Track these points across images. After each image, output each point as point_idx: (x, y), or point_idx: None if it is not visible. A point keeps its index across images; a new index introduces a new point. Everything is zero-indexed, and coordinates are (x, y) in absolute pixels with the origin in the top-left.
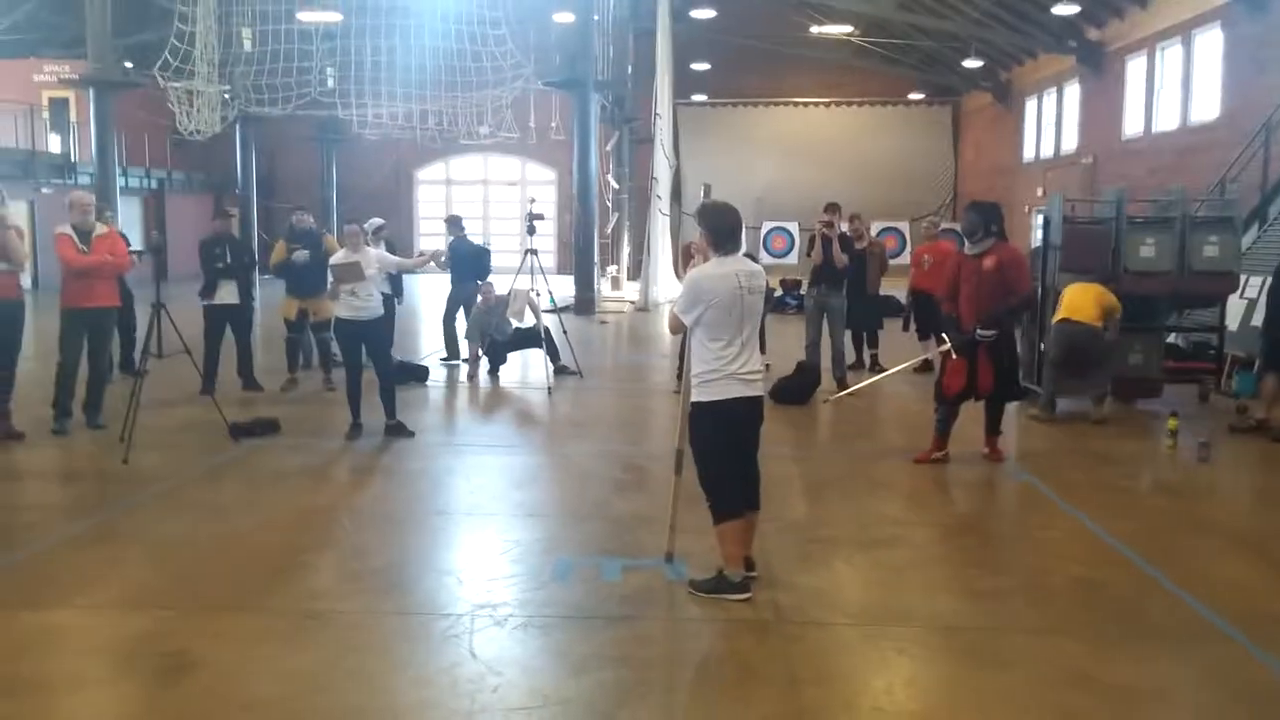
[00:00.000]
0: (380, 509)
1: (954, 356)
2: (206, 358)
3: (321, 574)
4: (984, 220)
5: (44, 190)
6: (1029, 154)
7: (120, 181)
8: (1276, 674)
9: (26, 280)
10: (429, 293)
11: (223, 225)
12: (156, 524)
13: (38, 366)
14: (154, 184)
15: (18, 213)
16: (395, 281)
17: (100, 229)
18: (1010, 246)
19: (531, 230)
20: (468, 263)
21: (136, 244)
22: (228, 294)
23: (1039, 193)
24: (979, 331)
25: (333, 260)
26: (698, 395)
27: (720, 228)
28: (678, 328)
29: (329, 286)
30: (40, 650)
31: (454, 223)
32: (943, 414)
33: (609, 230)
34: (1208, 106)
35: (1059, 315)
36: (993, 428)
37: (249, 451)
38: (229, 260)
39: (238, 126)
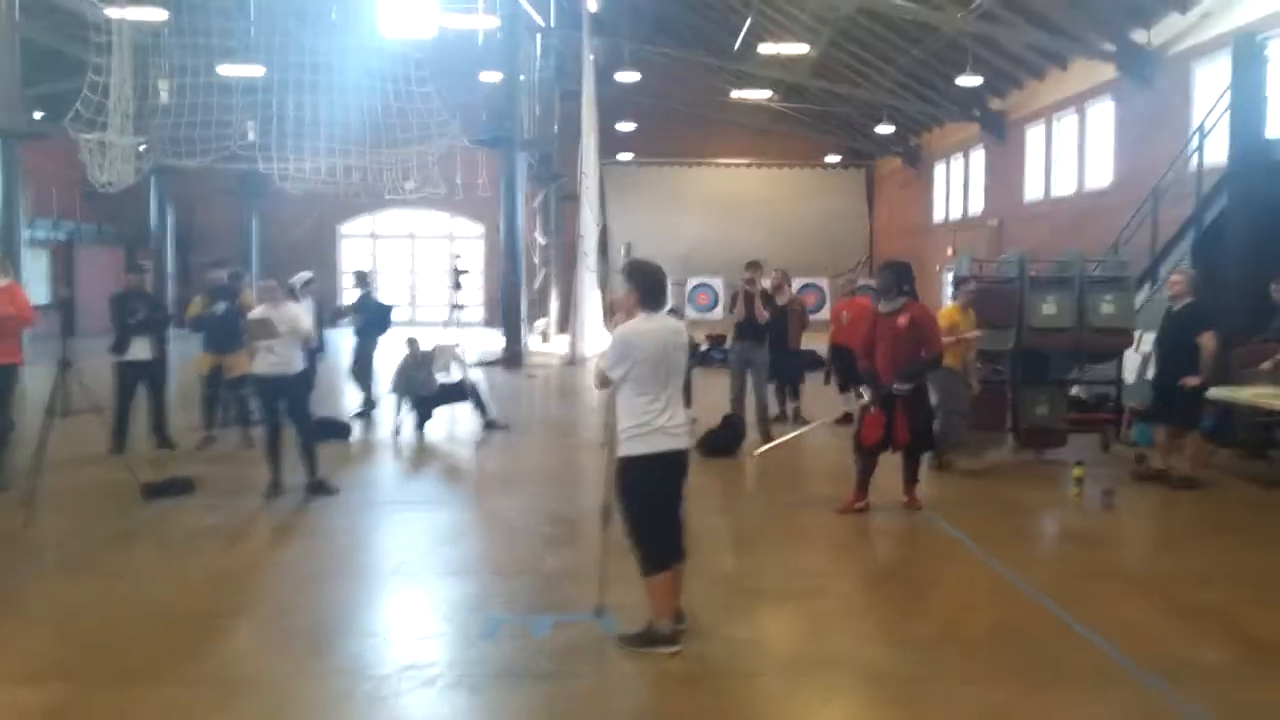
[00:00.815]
0: (302, 569)
1: (872, 410)
2: (117, 415)
3: (240, 638)
4: (898, 280)
5: None
6: (939, 216)
7: (27, 234)
8: (1187, 715)
9: None
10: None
11: (135, 279)
12: (61, 591)
13: None
14: (63, 236)
15: None
16: (319, 337)
17: (1, 281)
18: (921, 305)
19: (457, 285)
20: (374, 317)
21: (44, 298)
22: (140, 350)
23: (949, 252)
24: (895, 385)
25: (250, 315)
26: (626, 449)
27: (649, 286)
28: (604, 383)
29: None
30: None
31: (361, 277)
32: (862, 465)
33: (537, 285)
34: (1101, 173)
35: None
36: (910, 477)
37: (162, 512)
38: (141, 315)
39: (153, 179)
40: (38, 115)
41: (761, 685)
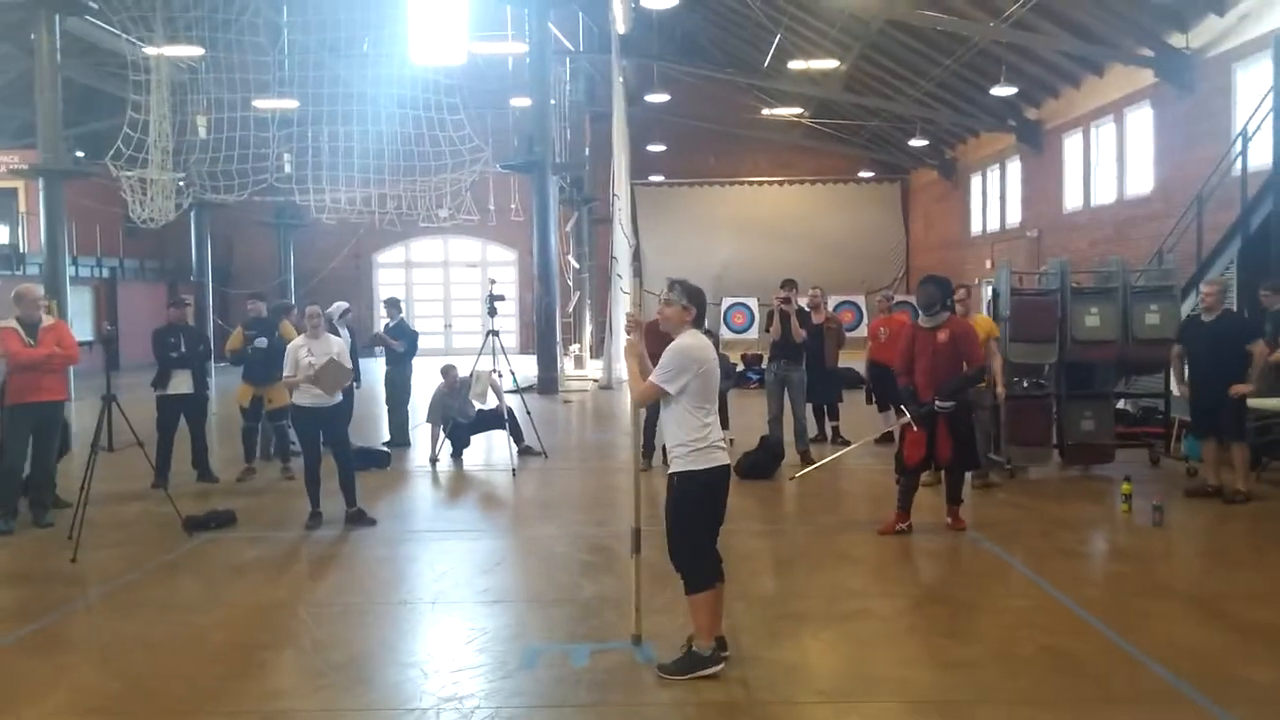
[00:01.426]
0: (342, 600)
1: (914, 428)
2: (160, 449)
3: (281, 672)
4: (941, 294)
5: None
6: (976, 228)
7: (70, 270)
8: None
9: None
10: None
11: (177, 314)
12: (107, 625)
13: None
14: (105, 273)
15: None
16: (354, 366)
17: (47, 320)
18: (962, 320)
19: (493, 311)
20: (411, 344)
21: (87, 334)
22: (182, 383)
23: (987, 265)
24: (937, 403)
25: (293, 343)
26: (683, 465)
27: (702, 303)
28: (651, 397)
29: (288, 376)
30: None
31: (393, 305)
32: (904, 485)
33: (570, 309)
34: (1142, 180)
35: None
36: (953, 497)
37: (204, 545)
38: (183, 349)
39: (193, 213)
40: (80, 154)
41: (804, 712)
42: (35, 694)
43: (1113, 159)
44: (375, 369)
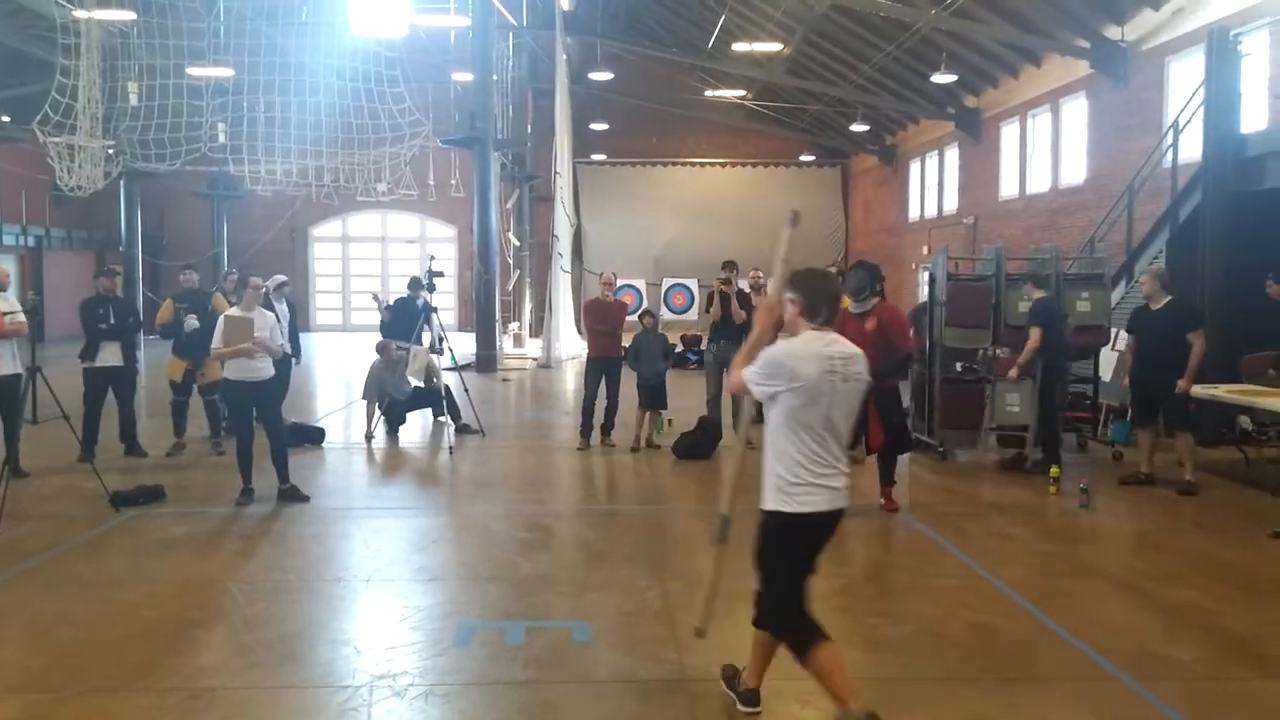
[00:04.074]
0: (273, 578)
1: None
2: (86, 422)
3: (210, 649)
4: (871, 280)
5: None
6: (914, 214)
7: None
8: (1163, 713)
9: None
10: (324, 351)
11: (106, 284)
12: (30, 600)
13: None
14: (31, 241)
15: None
16: (293, 340)
17: None
18: (891, 306)
19: (431, 288)
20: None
21: (6, 305)
22: (110, 356)
23: (924, 251)
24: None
25: (228, 312)
26: (771, 502)
27: (818, 295)
28: (737, 389)
29: (218, 348)
30: None
31: (416, 283)
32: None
33: (510, 287)
34: (1076, 170)
35: None
36: (886, 479)
37: (132, 521)
38: (112, 321)
39: (122, 182)
40: (5, 119)
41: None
42: None
43: (1048, 148)
44: (313, 345)
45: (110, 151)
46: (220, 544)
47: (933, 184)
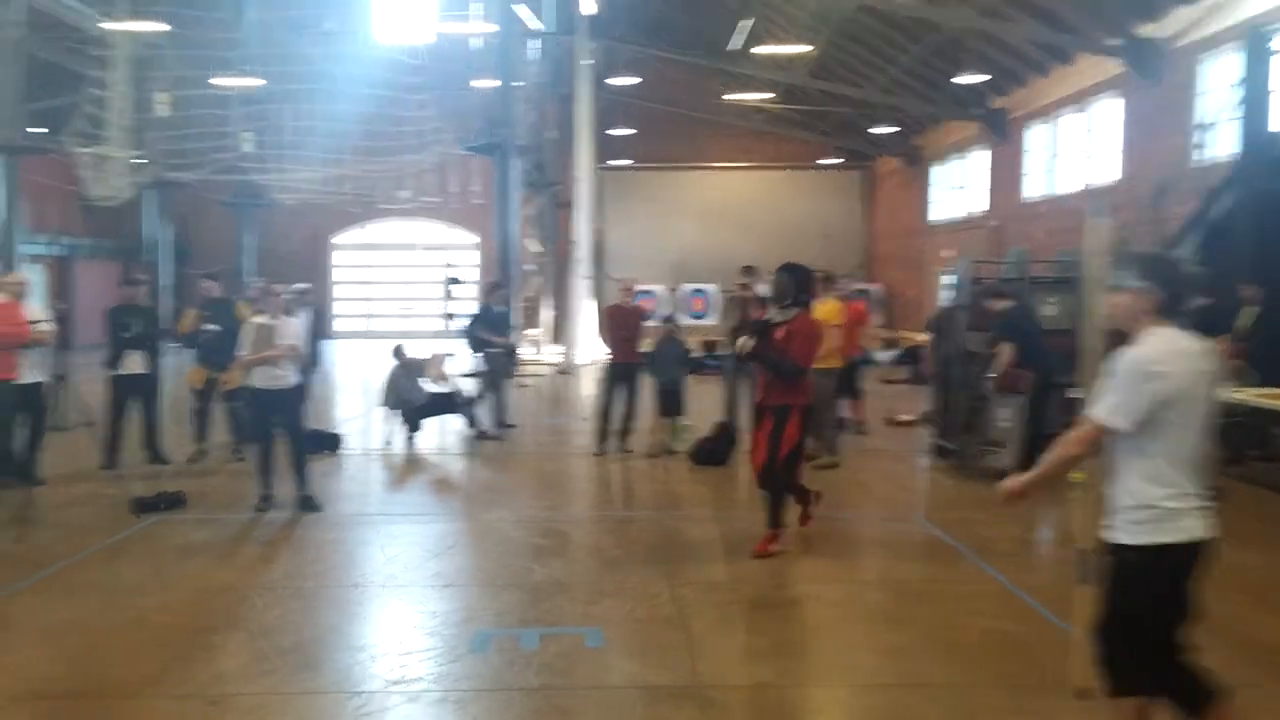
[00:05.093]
0: (290, 584)
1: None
2: (109, 429)
3: (227, 655)
4: (796, 286)
5: None
6: (938, 216)
7: (24, 248)
8: None
9: None
10: (345, 359)
11: (131, 293)
12: (51, 607)
13: None
14: (60, 250)
15: None
16: (313, 349)
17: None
18: (809, 320)
19: (450, 295)
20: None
21: (41, 313)
22: (134, 364)
23: (948, 254)
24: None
25: (255, 320)
26: (1137, 535)
27: (1176, 285)
28: (1094, 437)
29: (245, 356)
30: None
31: (495, 287)
32: (768, 497)
33: (531, 294)
34: (1106, 170)
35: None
36: (770, 519)
37: (153, 527)
38: (137, 329)
39: (150, 192)
40: (36, 130)
41: (755, 695)
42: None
43: (1078, 148)
44: (334, 352)
45: (138, 161)
46: (239, 550)
47: (957, 186)
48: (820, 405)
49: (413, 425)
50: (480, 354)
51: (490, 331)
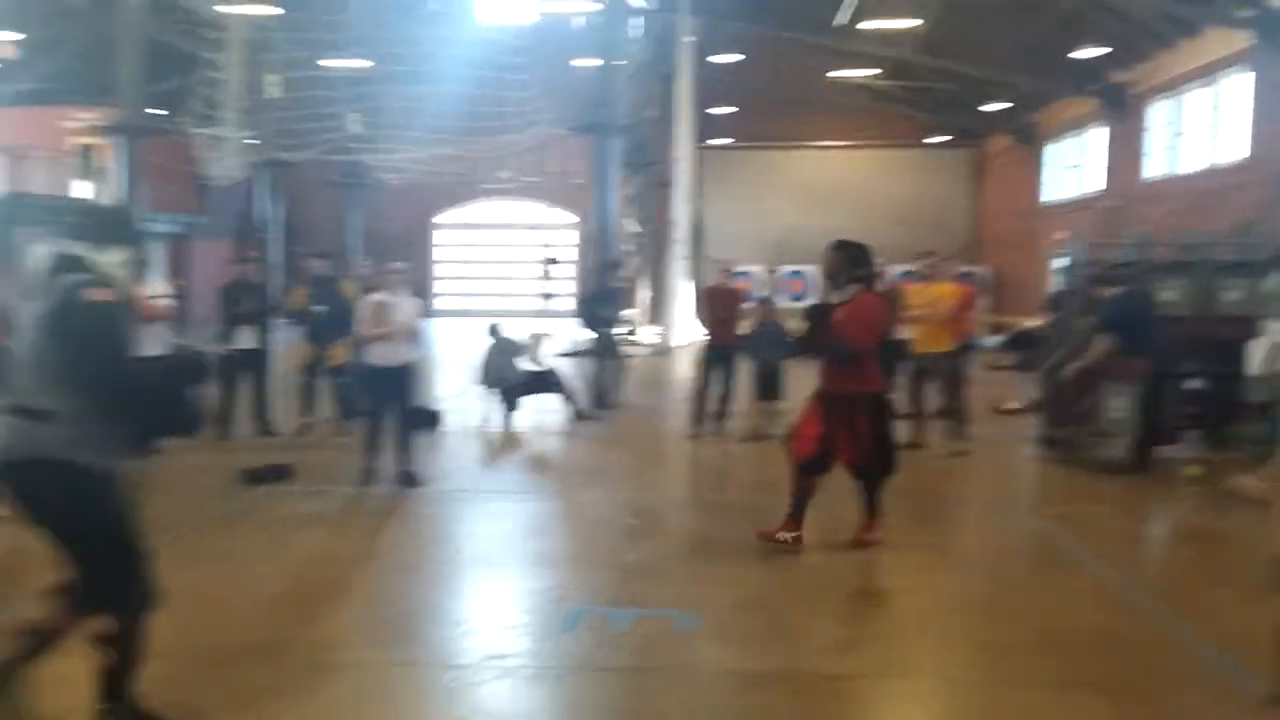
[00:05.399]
0: (391, 557)
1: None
2: (222, 403)
3: (332, 624)
4: (848, 264)
5: None
6: (1051, 196)
7: (145, 227)
8: None
9: None
10: (446, 337)
11: (243, 270)
12: (164, 573)
13: None
14: (179, 229)
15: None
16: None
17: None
18: (869, 299)
19: (548, 275)
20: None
21: (162, 290)
22: (246, 339)
23: (1061, 236)
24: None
25: (372, 297)
26: None
27: None
28: None
29: (364, 331)
30: (47, 701)
31: (613, 265)
32: (799, 486)
33: (627, 274)
34: (1234, 148)
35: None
36: (868, 507)
37: (262, 498)
38: (248, 305)
39: (262, 172)
40: (156, 112)
41: (842, 687)
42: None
43: (1204, 125)
44: (435, 331)
45: (251, 142)
46: (344, 523)
47: (1073, 165)
48: (950, 388)
49: (510, 404)
50: (595, 333)
51: (609, 310)
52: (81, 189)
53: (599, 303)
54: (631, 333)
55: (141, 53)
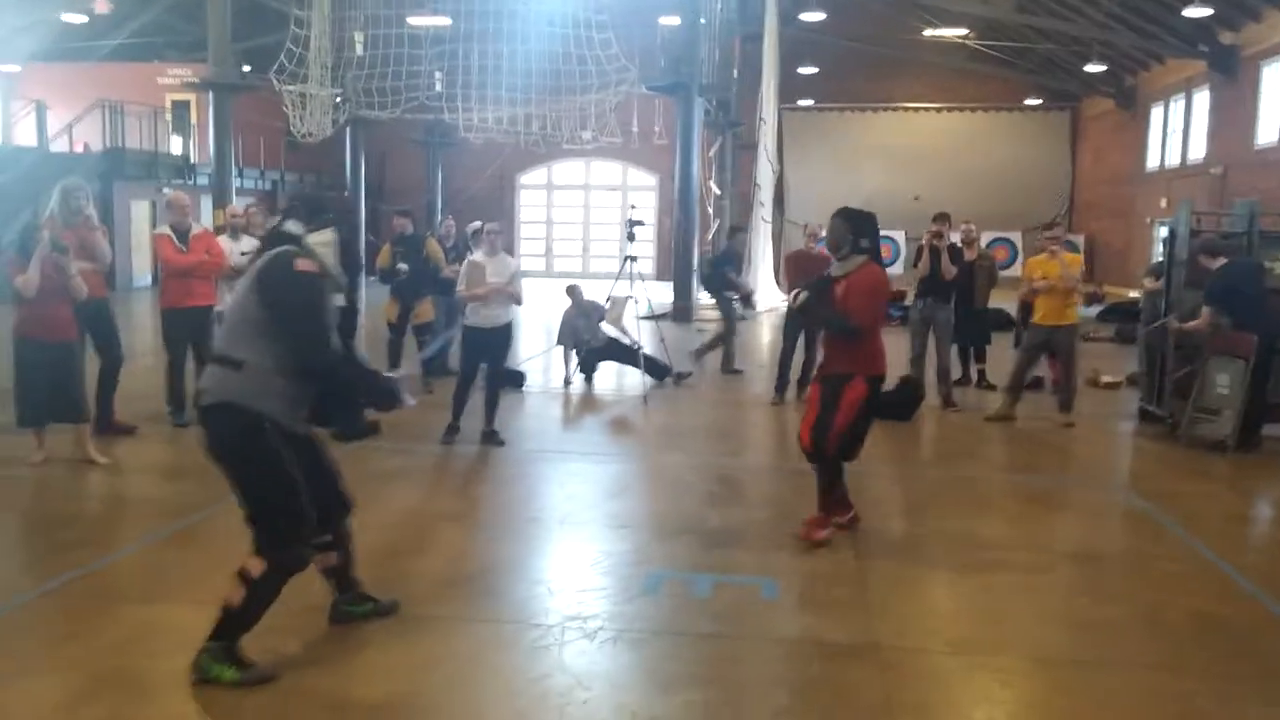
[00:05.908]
0: (475, 515)
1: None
2: None
3: (417, 579)
4: (853, 233)
5: (165, 190)
6: (1153, 163)
7: (236, 182)
8: None
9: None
10: (528, 297)
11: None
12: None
13: (137, 365)
14: (268, 185)
15: (141, 214)
16: None
17: (196, 228)
18: (873, 271)
19: (631, 237)
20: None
21: (253, 244)
22: (335, 296)
23: (1162, 204)
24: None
25: (471, 258)
26: None
27: None
28: None
29: (464, 290)
30: (145, 644)
31: (734, 231)
32: (819, 475)
33: (710, 237)
34: None
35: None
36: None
37: (349, 453)
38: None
39: (349, 129)
40: (246, 69)
41: (933, 662)
42: (190, 582)
43: None
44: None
45: (338, 100)
46: (429, 480)
47: (1176, 130)
48: (1065, 362)
49: (589, 367)
50: (718, 297)
51: (732, 273)
52: (174, 143)
53: (726, 265)
54: (749, 298)
55: (231, 10)
